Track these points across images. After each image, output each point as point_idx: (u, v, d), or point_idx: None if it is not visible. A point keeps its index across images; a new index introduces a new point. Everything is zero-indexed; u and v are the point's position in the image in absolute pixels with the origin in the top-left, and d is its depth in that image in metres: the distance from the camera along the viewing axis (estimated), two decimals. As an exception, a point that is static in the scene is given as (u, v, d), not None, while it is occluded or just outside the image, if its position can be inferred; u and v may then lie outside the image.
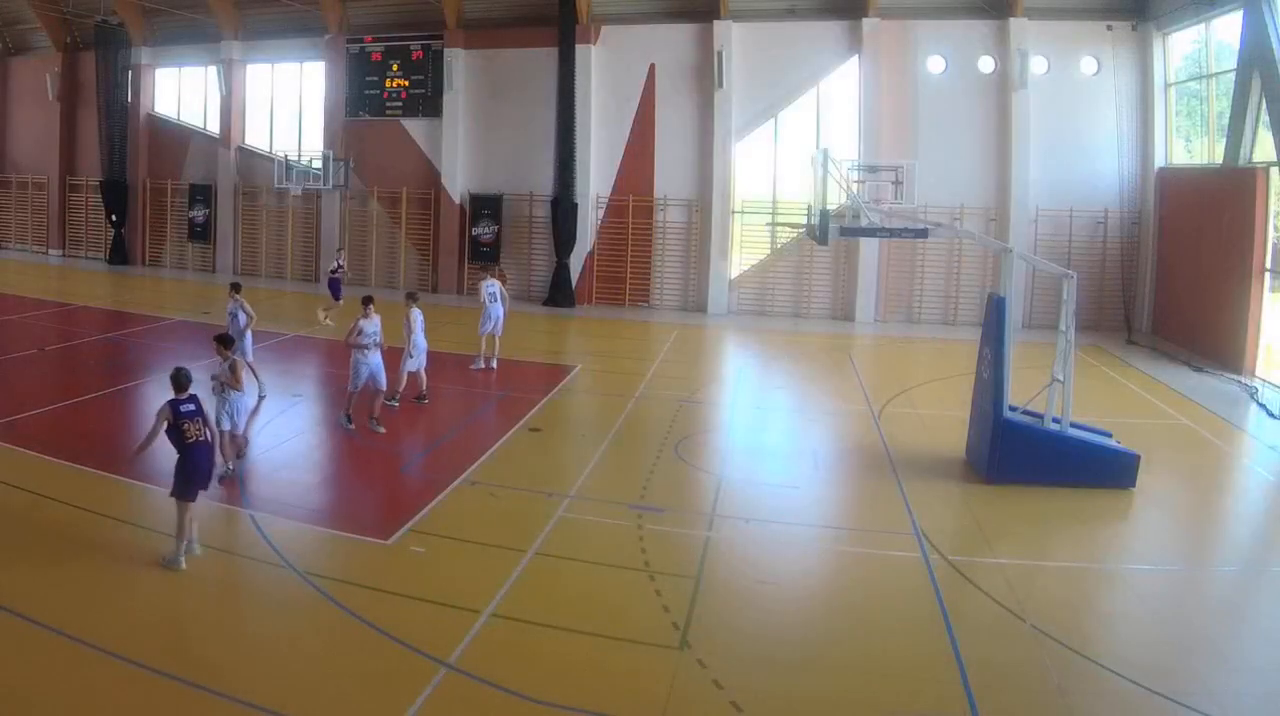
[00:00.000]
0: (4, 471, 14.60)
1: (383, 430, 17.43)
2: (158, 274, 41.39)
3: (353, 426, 17.44)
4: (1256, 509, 15.97)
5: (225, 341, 14.54)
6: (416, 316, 19.31)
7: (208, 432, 12.09)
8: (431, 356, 20.37)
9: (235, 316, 19.47)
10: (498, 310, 22.91)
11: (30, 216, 46.15)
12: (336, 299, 29.21)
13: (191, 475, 11.70)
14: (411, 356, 19.12)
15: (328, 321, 27.45)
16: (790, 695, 9.33)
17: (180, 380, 11.94)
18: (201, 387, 12.92)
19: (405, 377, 19.19)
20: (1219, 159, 26.34)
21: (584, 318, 33.11)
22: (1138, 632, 10.96)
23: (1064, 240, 30.67)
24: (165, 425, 11.68)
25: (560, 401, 21.15)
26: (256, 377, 19.30)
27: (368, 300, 17.65)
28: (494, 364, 23.03)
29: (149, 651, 9.49)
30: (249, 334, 19.55)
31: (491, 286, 23.10)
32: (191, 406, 11.85)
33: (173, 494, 11.68)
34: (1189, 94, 29.56)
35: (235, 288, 19.98)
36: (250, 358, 19.12)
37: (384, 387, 17.45)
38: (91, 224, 44.58)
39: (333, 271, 30.28)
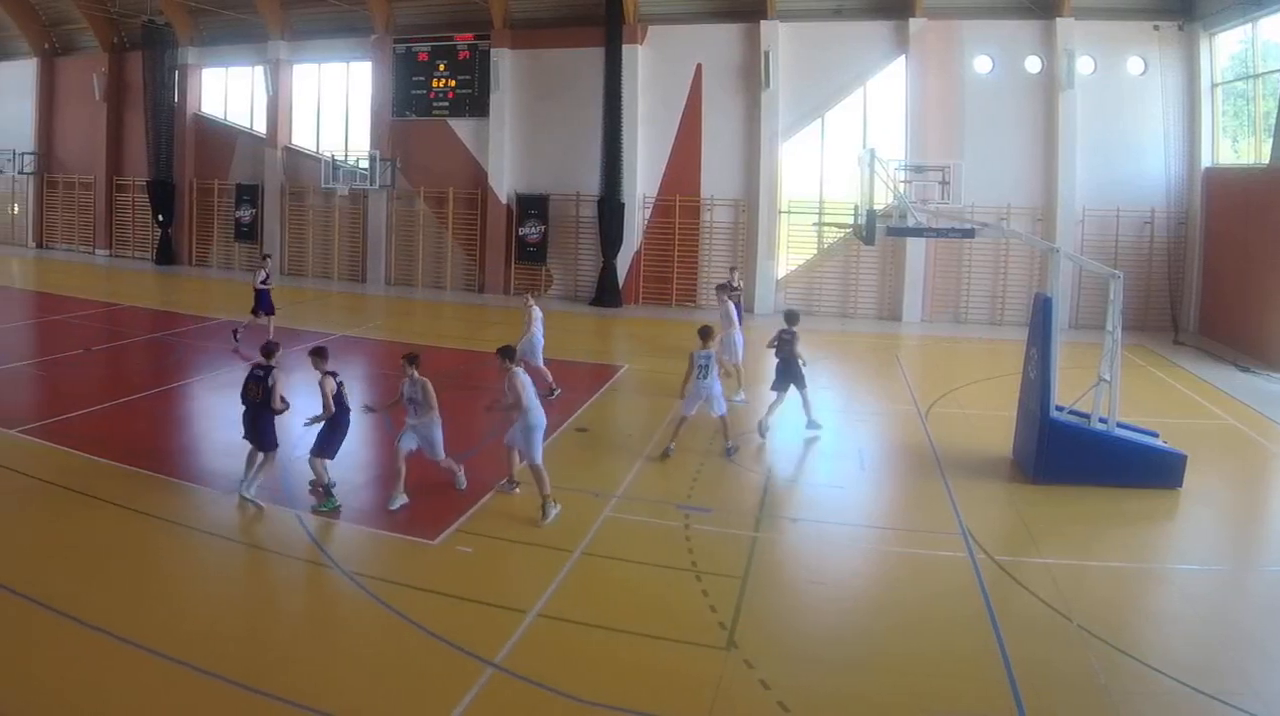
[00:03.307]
0: (51, 471, 15.24)
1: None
2: (204, 274, 43.08)
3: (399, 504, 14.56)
4: (1304, 509, 16.18)
5: (412, 359, 14.65)
6: (537, 313, 21.26)
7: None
8: (476, 357, 21.30)
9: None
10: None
11: (77, 216, 48.34)
12: (264, 313, 26.78)
13: (336, 434, 14.02)
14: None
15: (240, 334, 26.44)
16: (837, 695, 9.63)
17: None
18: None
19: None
20: (1265, 159, 27.43)
21: (630, 318, 34.28)
22: (1184, 632, 11.20)
23: (1110, 240, 31.79)
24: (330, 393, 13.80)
25: (607, 401, 21.89)
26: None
27: (412, 359, 14.87)
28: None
29: (196, 652, 9.86)
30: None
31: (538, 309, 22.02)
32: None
33: (314, 453, 13.99)
34: (1235, 94, 30.69)
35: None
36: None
37: (440, 456, 14.85)
38: (138, 224, 46.66)
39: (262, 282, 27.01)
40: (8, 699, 8.90)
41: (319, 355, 14.50)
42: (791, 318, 19.40)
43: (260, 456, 14.25)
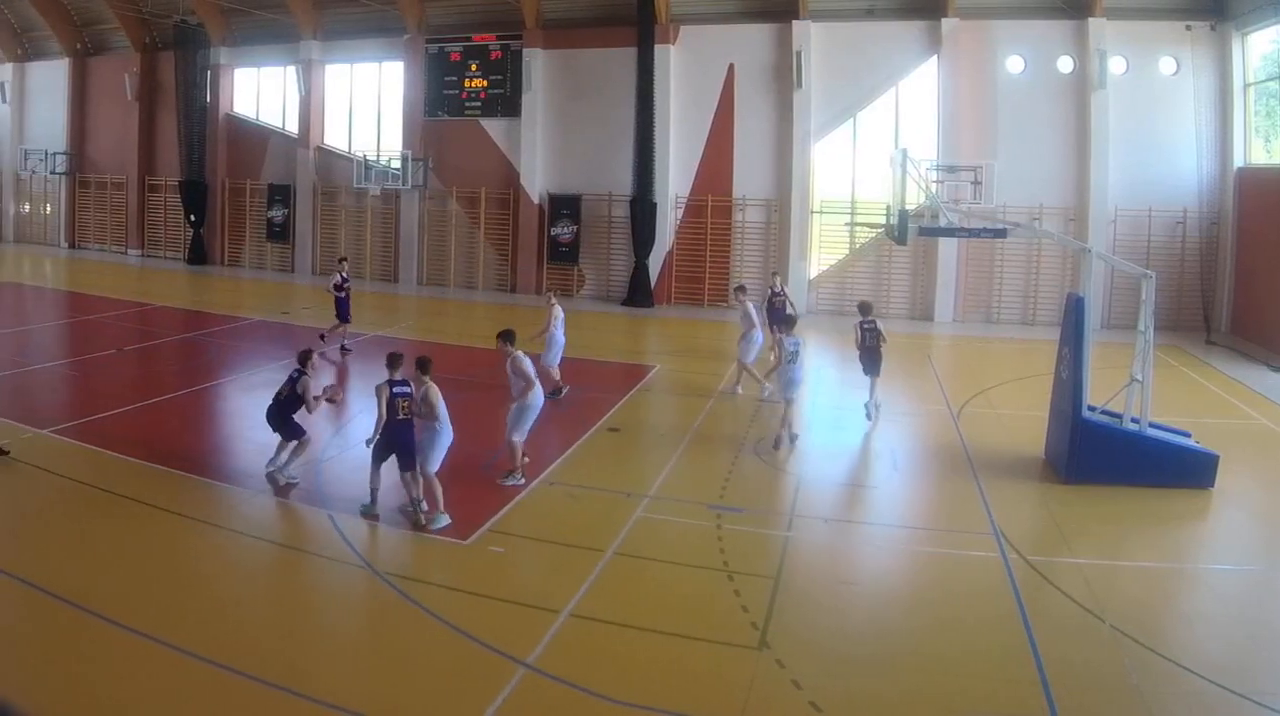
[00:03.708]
0: (83, 471, 15.43)
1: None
2: (236, 274, 43.93)
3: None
4: (1338, 510, 16.32)
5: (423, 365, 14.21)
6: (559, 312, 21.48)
7: (413, 414, 13.79)
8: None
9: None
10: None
11: (110, 216, 49.41)
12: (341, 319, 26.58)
13: (401, 449, 13.67)
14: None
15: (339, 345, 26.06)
16: (869, 695, 9.71)
17: (392, 363, 14.03)
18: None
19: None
20: (1298, 159, 27.68)
21: (663, 317, 34.89)
22: (1217, 632, 11.26)
23: (1143, 240, 32.24)
24: (385, 401, 13.60)
25: (639, 401, 22.09)
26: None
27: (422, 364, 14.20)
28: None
29: (228, 652, 9.98)
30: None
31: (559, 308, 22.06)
32: (406, 388, 13.79)
33: (402, 469, 13.68)
34: (1268, 94, 31.14)
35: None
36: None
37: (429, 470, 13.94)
38: (170, 224, 47.67)
39: (337, 286, 26.70)
40: (39, 697, 9.00)
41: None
42: (866, 308, 20.40)
43: (291, 445, 15.29)
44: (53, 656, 9.88)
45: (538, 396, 15.51)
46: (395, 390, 13.69)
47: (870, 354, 19.93)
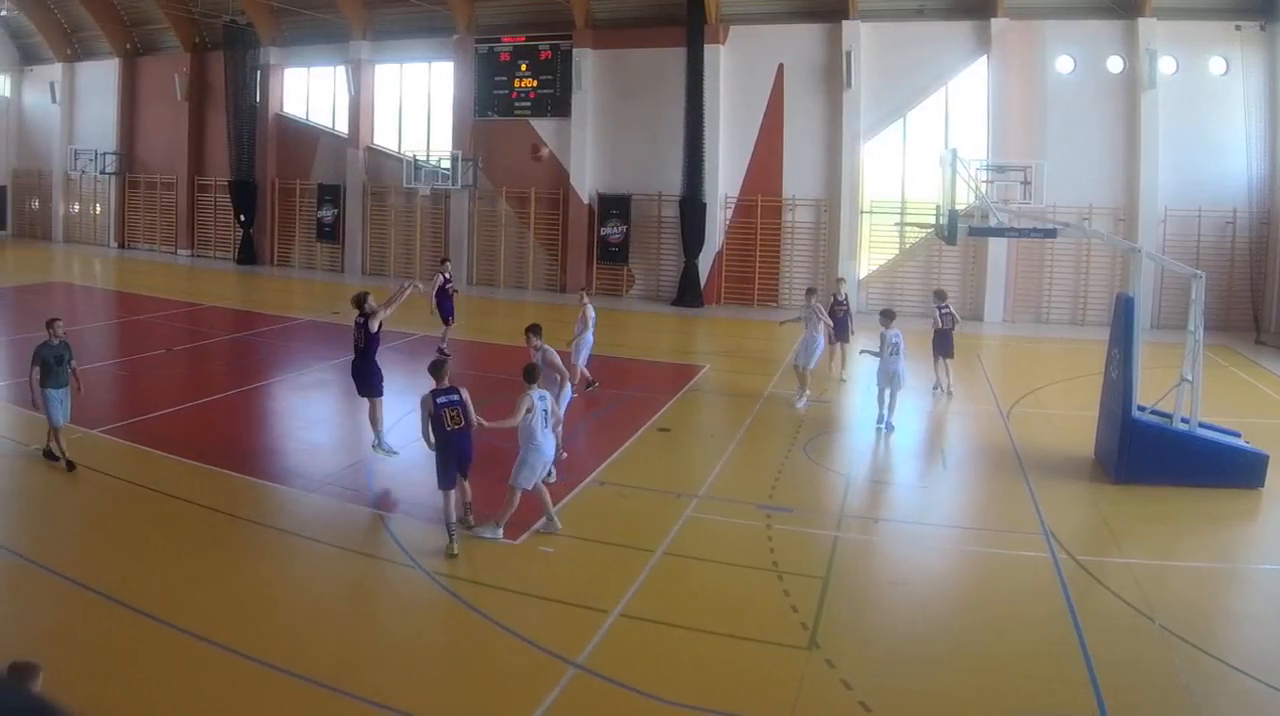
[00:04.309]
0: (133, 471, 15.73)
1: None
2: (286, 274, 45.33)
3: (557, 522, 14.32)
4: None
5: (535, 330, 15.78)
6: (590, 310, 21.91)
7: (465, 422, 13.07)
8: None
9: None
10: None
11: (159, 216, 51.04)
12: (447, 319, 26.81)
13: (445, 463, 13.04)
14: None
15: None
16: (919, 694, 9.83)
17: (438, 371, 13.31)
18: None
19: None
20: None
21: (712, 317, 35.71)
22: (1267, 632, 11.39)
23: (1192, 240, 32.95)
24: (428, 414, 13.05)
25: (689, 401, 22.41)
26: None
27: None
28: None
29: (277, 651, 10.18)
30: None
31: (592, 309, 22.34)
32: (454, 397, 13.11)
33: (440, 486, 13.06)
34: (1319, 94, 31.71)
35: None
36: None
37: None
38: (220, 224, 49.19)
39: (441, 285, 26.84)
40: (93, 697, 9.06)
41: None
42: (942, 295, 22.83)
43: (380, 409, 16.35)
44: (100, 655, 10.10)
45: (568, 392, 16.45)
46: (440, 400, 13.07)
47: (945, 337, 21.97)
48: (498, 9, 41.33)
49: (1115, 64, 33.67)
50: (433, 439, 13.16)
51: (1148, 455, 16.36)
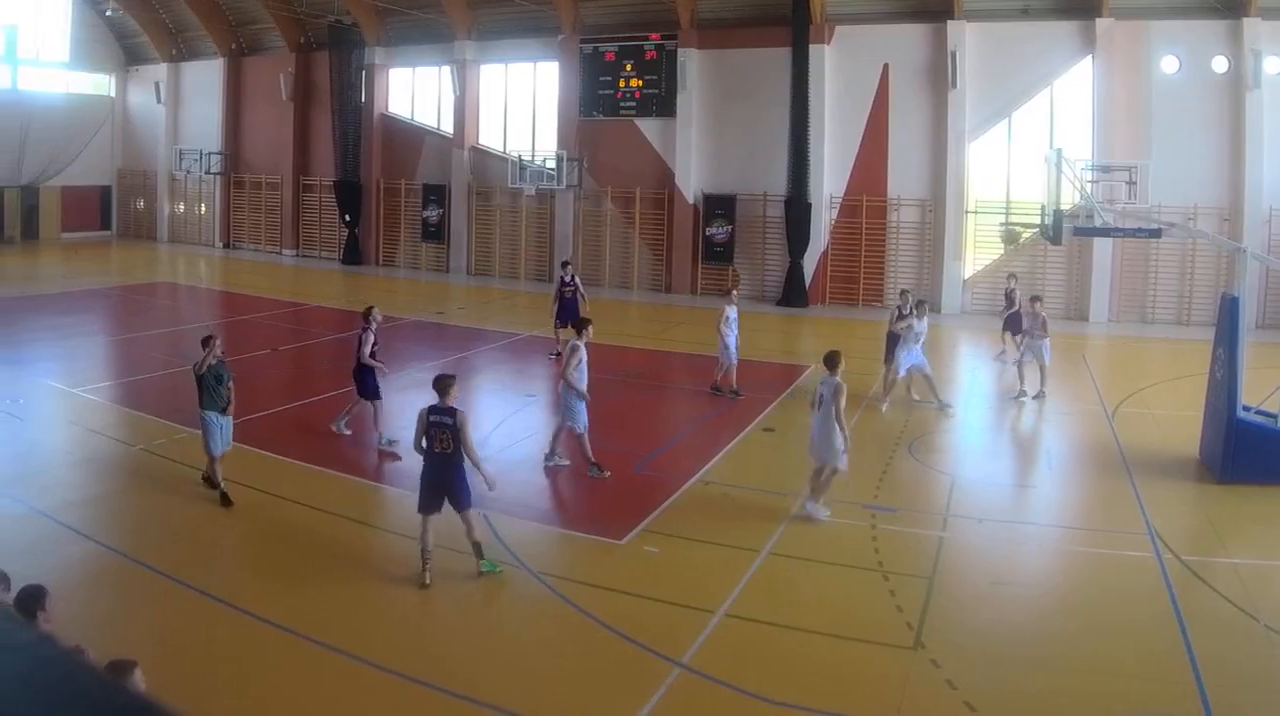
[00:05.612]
0: (238, 472, 16.03)
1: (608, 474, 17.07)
2: (391, 274, 47.98)
3: (606, 472, 16.97)
4: None
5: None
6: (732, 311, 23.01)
7: (454, 447, 12.64)
8: (663, 357, 24.05)
9: None
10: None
11: (264, 217, 54.22)
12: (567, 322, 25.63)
13: (423, 485, 12.88)
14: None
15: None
16: (1023, 694, 10.15)
17: (439, 386, 12.96)
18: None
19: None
20: None
21: (817, 317, 37.27)
22: None
23: (1298, 240, 34.50)
24: (421, 429, 12.81)
25: (794, 401, 22.80)
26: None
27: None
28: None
29: (379, 650, 10.71)
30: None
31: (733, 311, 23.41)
32: (447, 419, 12.62)
33: (459, 508, 12.80)
34: None
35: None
36: None
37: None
38: (325, 224, 52.14)
39: (563, 284, 27.59)
40: (197, 695, 9.43)
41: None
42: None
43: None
44: (207, 655, 10.69)
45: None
46: (433, 418, 12.69)
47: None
48: (603, 9, 43.40)
49: (1220, 64, 34.94)
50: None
51: (1253, 455, 16.91)
